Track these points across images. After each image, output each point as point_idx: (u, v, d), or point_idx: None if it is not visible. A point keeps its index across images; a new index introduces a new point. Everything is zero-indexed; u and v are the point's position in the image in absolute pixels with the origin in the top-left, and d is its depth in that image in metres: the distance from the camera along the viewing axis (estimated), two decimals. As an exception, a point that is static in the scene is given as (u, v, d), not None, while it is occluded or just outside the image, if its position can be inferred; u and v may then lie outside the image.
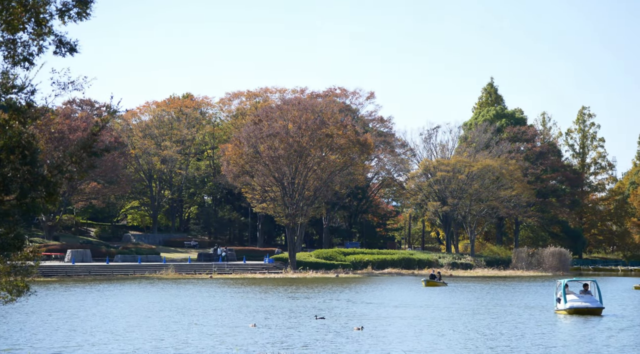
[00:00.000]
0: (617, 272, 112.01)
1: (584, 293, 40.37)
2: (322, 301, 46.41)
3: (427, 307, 42.53)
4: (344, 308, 41.35)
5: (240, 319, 34.98)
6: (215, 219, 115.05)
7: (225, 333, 30.24)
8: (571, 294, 39.86)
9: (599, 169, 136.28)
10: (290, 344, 27.26)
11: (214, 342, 27.75)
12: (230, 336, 29.28)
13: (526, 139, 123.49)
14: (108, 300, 45.27)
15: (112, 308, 40.54)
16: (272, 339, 28.61)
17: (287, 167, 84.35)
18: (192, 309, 40.19)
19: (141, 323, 33.41)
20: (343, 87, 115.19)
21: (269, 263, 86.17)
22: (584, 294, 40.08)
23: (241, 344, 27.25)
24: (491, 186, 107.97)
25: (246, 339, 28.58)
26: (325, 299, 47.26)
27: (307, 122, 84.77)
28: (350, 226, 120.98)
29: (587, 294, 40.09)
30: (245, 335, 29.62)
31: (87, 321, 34.18)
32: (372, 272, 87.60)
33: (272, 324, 33.24)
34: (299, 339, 28.54)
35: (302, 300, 46.72)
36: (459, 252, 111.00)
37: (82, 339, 28.27)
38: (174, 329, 31.50)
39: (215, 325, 32.80)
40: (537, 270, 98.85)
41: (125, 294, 50.30)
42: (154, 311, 38.98)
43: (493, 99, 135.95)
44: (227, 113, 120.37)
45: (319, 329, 31.57)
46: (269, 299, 46.96)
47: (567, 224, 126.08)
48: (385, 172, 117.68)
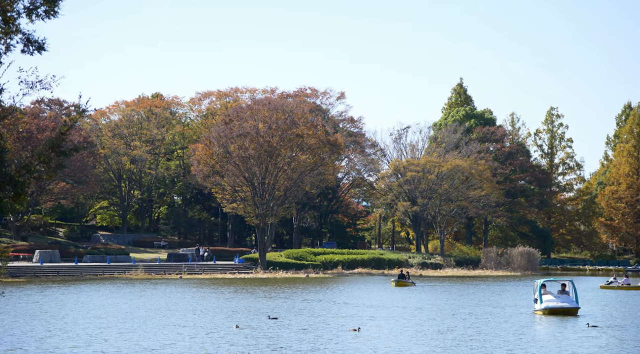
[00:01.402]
0: (585, 272, 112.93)
1: (561, 292, 40.31)
2: (299, 300, 46.34)
3: (404, 308, 42.42)
4: (324, 308, 41.16)
5: (220, 321, 34.85)
6: (185, 219, 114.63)
7: (207, 334, 30.05)
8: (548, 295, 39.77)
9: (567, 170, 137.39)
10: (286, 345, 27.11)
11: (199, 344, 27.59)
12: (213, 338, 29.13)
13: (495, 139, 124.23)
14: (78, 301, 44.91)
15: (83, 309, 40.22)
16: (257, 340, 28.51)
17: (257, 167, 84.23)
18: (164, 309, 39.96)
19: (112, 325, 33.18)
20: (313, 87, 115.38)
21: (239, 263, 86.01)
22: (561, 294, 40.01)
23: (222, 344, 27.18)
24: (461, 186, 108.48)
25: (230, 340, 28.50)
26: (303, 300, 47.13)
27: (278, 122, 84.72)
28: (321, 226, 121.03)
29: (564, 294, 40.03)
30: (230, 336, 29.52)
31: (56, 322, 33.89)
32: (342, 272, 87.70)
33: (255, 325, 33.15)
34: (298, 341, 28.48)
35: (279, 300, 46.64)
36: (428, 252, 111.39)
37: (57, 341, 28.05)
38: (149, 330, 31.31)
39: (195, 326, 32.62)
40: (506, 270, 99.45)
41: (94, 295, 49.94)
42: (126, 312, 38.72)
43: (462, 100, 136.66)
44: (197, 113, 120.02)
45: (310, 330, 31.38)
46: (244, 300, 46.83)
47: (535, 224, 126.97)
48: (356, 172, 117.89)
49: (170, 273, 77.90)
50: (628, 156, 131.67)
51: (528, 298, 50.08)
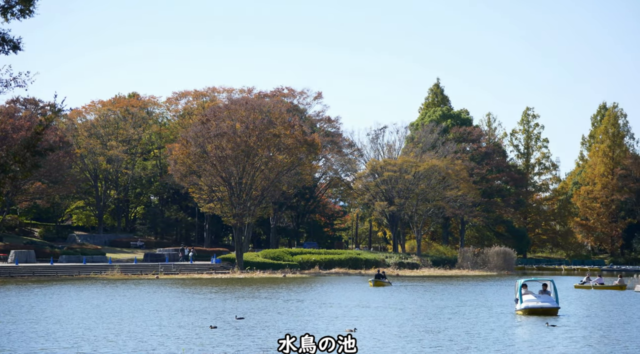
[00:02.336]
0: (561, 271, 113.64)
1: (542, 292, 40.28)
2: (280, 301, 46.31)
3: (387, 308, 42.31)
4: (307, 309, 41.06)
5: (195, 320, 34.77)
6: (161, 219, 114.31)
7: (186, 334, 29.97)
8: (529, 295, 39.73)
9: (543, 170, 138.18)
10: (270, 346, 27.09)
11: (175, 344, 27.52)
12: (191, 338, 29.07)
13: (472, 139, 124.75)
14: (53, 301, 44.69)
15: (59, 309, 40.03)
16: (239, 340, 28.49)
17: (234, 167, 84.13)
18: (139, 309, 39.84)
19: (89, 325, 33.03)
20: (291, 87, 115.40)
21: (216, 263, 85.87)
22: (542, 294, 39.99)
23: (201, 344, 27.14)
24: (437, 186, 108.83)
25: (207, 340, 28.45)
26: (285, 300, 47.08)
27: (255, 122, 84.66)
28: (298, 226, 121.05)
29: (545, 294, 40.01)
30: (207, 337, 29.46)
31: (35, 324, 33.71)
32: (319, 272, 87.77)
33: (238, 325, 33.09)
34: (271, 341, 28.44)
35: (259, 300, 46.59)
36: (405, 252, 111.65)
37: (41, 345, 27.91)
38: (124, 330, 31.21)
39: (170, 326, 32.52)
40: (483, 269, 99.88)
41: (71, 296, 49.70)
42: (99, 312, 38.56)
43: (439, 100, 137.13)
44: (174, 113, 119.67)
45: (298, 331, 31.39)
46: (221, 300, 46.76)
47: (511, 224, 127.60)
48: (333, 172, 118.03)
49: (147, 273, 77.67)
50: (603, 156, 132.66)
51: (509, 297, 50.29)
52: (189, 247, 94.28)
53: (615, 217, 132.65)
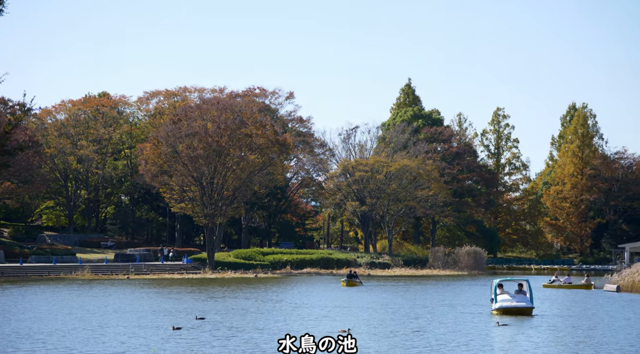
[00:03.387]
0: (531, 271, 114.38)
1: (518, 292, 40.26)
2: (259, 301, 46.25)
3: (368, 308, 42.29)
4: (285, 310, 40.83)
5: (168, 321, 34.65)
6: (132, 219, 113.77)
7: (154, 334, 29.84)
8: (504, 294, 39.72)
9: (513, 170, 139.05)
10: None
11: (144, 344, 27.41)
12: (163, 337, 28.96)
13: (443, 139, 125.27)
14: (22, 302, 44.38)
15: (25, 310, 39.76)
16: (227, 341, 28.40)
17: (206, 167, 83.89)
18: (108, 310, 39.65)
19: (56, 326, 32.84)
20: (262, 87, 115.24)
21: (188, 263, 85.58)
22: (518, 294, 39.96)
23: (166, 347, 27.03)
24: (409, 186, 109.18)
25: (181, 340, 28.34)
26: (261, 300, 46.95)
27: (227, 121, 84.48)
28: (270, 225, 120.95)
29: (520, 294, 39.99)
30: (173, 337, 29.35)
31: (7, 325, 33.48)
32: (291, 272, 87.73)
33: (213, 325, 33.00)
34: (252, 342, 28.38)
35: (236, 301, 46.51)
36: (377, 252, 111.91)
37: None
38: (91, 331, 31.05)
39: (139, 327, 32.36)
40: (454, 269, 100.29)
41: (40, 296, 49.36)
42: (68, 313, 38.33)
43: (411, 100, 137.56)
44: (145, 112, 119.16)
45: (281, 333, 31.26)
46: (189, 300, 46.63)
47: (482, 224, 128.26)
48: (305, 172, 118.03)
49: (118, 273, 77.28)
50: (572, 156, 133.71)
51: (485, 297, 50.54)
52: (169, 248, 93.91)
53: (585, 217, 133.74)
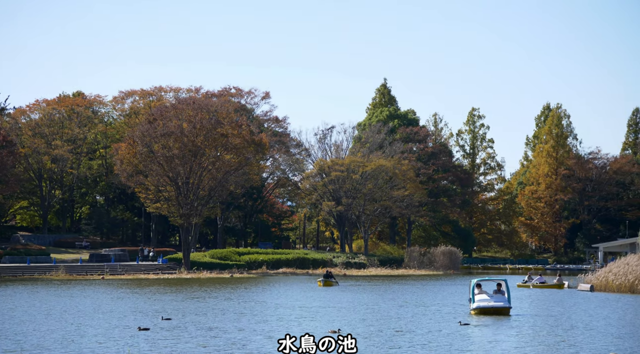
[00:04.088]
0: (506, 270, 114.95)
1: (496, 292, 40.15)
2: (241, 302, 46.13)
3: (348, 309, 42.21)
4: (270, 311, 40.68)
5: (143, 321, 34.47)
6: (107, 219, 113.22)
7: (132, 336, 29.63)
8: (483, 294, 39.59)
9: (489, 170, 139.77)
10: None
11: (120, 345, 27.26)
12: (126, 339, 28.81)
13: (418, 139, 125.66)
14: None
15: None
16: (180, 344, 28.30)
17: (181, 166, 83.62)
18: (81, 311, 39.42)
19: (29, 327, 32.62)
20: (238, 87, 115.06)
21: (163, 264, 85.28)
22: (496, 294, 39.86)
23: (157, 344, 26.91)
24: (384, 186, 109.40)
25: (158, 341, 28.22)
26: (244, 301, 46.80)
27: (202, 121, 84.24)
28: (245, 225, 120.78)
29: (498, 294, 39.88)
30: (144, 338, 29.21)
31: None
32: (266, 272, 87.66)
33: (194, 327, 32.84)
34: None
35: (217, 301, 46.38)
36: (352, 252, 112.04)
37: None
38: (65, 331, 30.86)
39: (112, 327, 32.17)
40: (429, 269, 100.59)
41: (15, 297, 48.98)
42: (40, 313, 38.08)
43: (386, 100, 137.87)
44: (120, 112, 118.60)
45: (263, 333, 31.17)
46: (162, 301, 46.45)
47: (457, 224, 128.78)
48: (281, 172, 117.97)
49: (93, 274, 76.88)
50: (547, 156, 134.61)
51: (463, 297, 50.69)
52: (149, 248, 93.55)
53: (559, 217, 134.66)
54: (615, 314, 40.18)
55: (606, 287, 60.39)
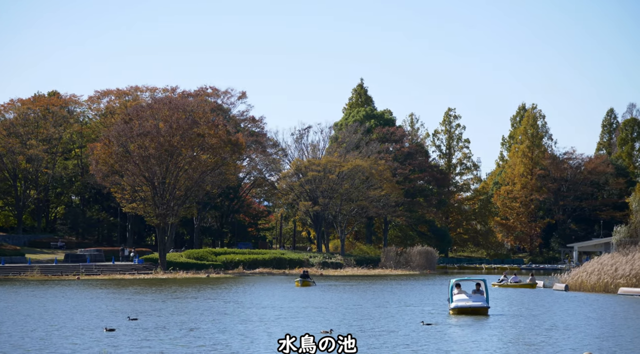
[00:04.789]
0: (481, 270, 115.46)
1: (476, 292, 40.22)
2: (222, 302, 46.03)
3: (330, 309, 42.16)
4: (252, 312, 40.55)
5: (120, 322, 34.33)
6: (83, 220, 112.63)
7: (109, 337, 29.49)
8: (461, 294, 39.65)
9: (465, 170, 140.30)
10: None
11: (96, 345, 27.15)
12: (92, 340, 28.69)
13: (395, 139, 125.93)
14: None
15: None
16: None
17: (157, 166, 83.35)
18: (53, 311, 39.22)
19: (7, 329, 32.41)
20: (215, 87, 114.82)
21: (139, 264, 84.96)
22: (475, 294, 39.93)
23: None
24: (361, 186, 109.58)
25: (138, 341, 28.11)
26: (226, 302, 46.64)
27: (179, 121, 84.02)
28: (222, 226, 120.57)
29: (477, 294, 39.93)
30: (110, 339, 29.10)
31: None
32: (243, 272, 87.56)
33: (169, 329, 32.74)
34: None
35: (196, 302, 46.25)
36: (329, 252, 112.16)
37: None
38: (39, 332, 30.71)
39: (90, 328, 32.01)
40: (405, 269, 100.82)
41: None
42: (10, 314, 37.86)
43: (363, 100, 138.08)
44: (95, 112, 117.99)
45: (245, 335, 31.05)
46: (135, 301, 46.29)
47: (434, 224, 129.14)
48: (257, 172, 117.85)
49: (68, 274, 76.48)
50: (522, 156, 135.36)
51: (441, 296, 50.85)
52: (130, 248, 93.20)
53: (534, 216, 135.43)
54: (594, 313, 40.50)
55: (581, 286, 60.87)
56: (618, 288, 56.48)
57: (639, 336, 30.52)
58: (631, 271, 57.08)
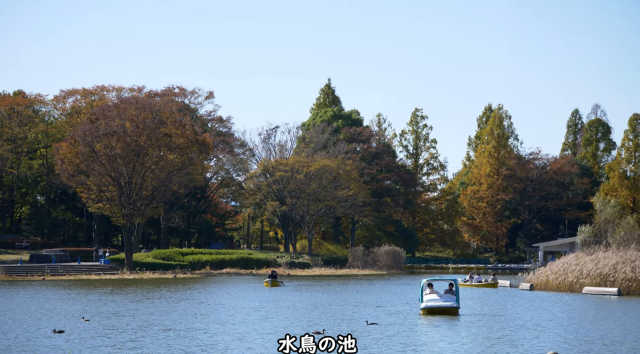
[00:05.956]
0: (448, 270, 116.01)
1: (447, 292, 40.19)
2: (195, 303, 45.85)
3: (305, 309, 42.17)
4: (229, 312, 40.35)
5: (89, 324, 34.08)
6: (48, 220, 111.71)
7: (79, 339, 29.26)
8: (432, 294, 39.61)
9: (431, 170, 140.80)
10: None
11: (60, 346, 26.95)
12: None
13: (362, 139, 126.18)
14: None
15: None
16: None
17: (124, 166, 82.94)
18: (11, 311, 38.91)
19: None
20: (182, 87, 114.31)
21: (105, 264, 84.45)
22: (446, 294, 39.91)
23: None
24: (328, 186, 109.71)
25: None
26: (200, 302, 46.47)
27: (145, 121, 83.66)
28: (189, 226, 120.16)
29: (449, 294, 39.89)
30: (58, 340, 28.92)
31: None
32: (210, 272, 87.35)
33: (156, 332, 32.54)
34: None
35: (164, 303, 46.03)
36: (297, 252, 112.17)
37: None
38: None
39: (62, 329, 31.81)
40: (373, 269, 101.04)
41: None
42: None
43: (330, 100, 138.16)
44: (61, 111, 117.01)
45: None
46: (95, 302, 46.02)
47: (401, 224, 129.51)
48: (225, 172, 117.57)
49: (33, 275, 75.86)
50: (489, 156, 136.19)
51: (412, 296, 50.98)
52: (104, 249, 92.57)
53: (501, 216, 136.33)
54: (562, 313, 40.87)
55: (546, 286, 61.43)
56: (583, 287, 57.06)
57: (604, 335, 30.88)
58: (595, 270, 57.70)
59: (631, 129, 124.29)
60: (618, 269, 56.52)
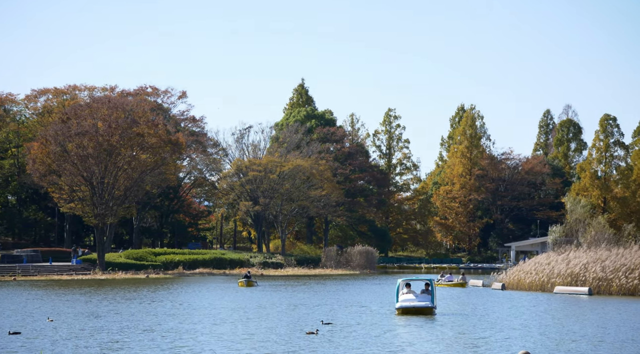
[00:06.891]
0: (421, 269, 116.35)
1: (424, 292, 40.13)
2: (169, 304, 45.66)
3: (288, 310, 42.17)
4: (207, 313, 40.13)
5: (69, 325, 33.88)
6: (19, 220, 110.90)
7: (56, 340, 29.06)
8: (409, 294, 39.52)
9: (404, 170, 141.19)
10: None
11: (36, 347, 26.80)
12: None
13: (335, 139, 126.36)
14: None
15: None
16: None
17: (96, 166, 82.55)
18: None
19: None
20: (154, 86, 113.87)
21: (77, 264, 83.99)
22: (423, 294, 39.84)
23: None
24: (302, 186, 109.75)
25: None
26: (179, 303, 46.17)
27: (118, 120, 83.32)
28: (162, 226, 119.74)
29: (425, 294, 39.82)
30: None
31: None
32: (183, 272, 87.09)
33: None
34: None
35: (138, 303, 45.83)
36: (270, 252, 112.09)
37: None
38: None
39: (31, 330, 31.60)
40: (346, 268, 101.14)
41: None
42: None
43: (304, 100, 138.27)
44: (33, 110, 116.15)
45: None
46: (62, 302, 45.79)
47: (374, 223, 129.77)
48: (197, 172, 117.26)
49: (4, 275, 75.34)
50: (461, 156, 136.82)
51: (388, 295, 51.09)
52: (82, 249, 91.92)
53: (473, 216, 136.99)
54: (533, 312, 41.14)
55: (518, 285, 61.83)
56: (554, 287, 57.49)
57: (574, 333, 31.15)
58: (566, 270, 58.14)
59: (602, 130, 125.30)
60: (589, 268, 56.96)
